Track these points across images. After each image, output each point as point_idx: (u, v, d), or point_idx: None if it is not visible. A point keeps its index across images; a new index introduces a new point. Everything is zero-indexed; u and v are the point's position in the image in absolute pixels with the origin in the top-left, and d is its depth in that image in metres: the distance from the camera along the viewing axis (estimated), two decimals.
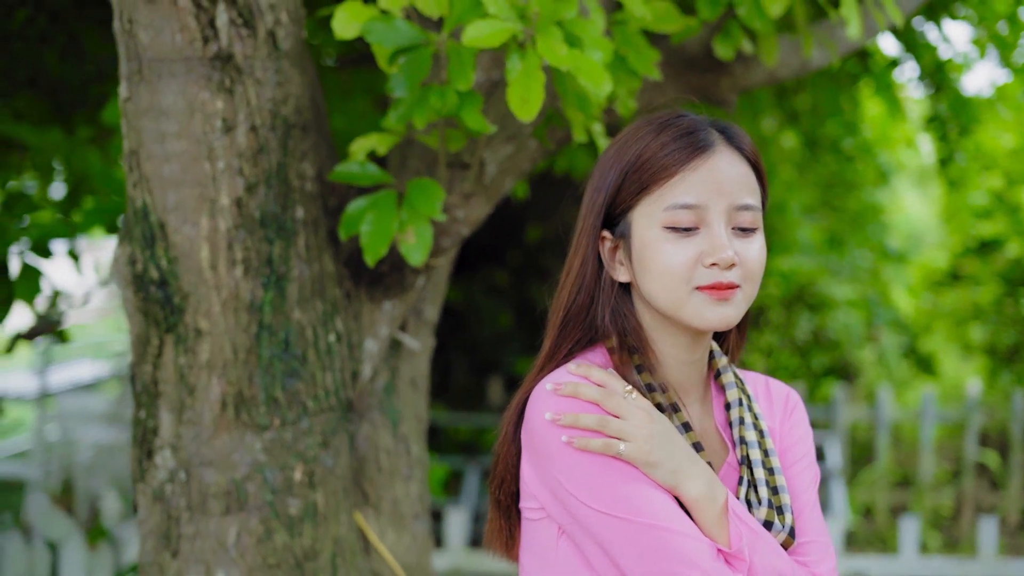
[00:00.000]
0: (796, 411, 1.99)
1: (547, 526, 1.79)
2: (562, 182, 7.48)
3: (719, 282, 1.74)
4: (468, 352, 9.47)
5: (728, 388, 1.92)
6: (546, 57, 2.14)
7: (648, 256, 1.78)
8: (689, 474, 1.71)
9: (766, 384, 2.02)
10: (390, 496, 2.71)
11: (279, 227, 2.38)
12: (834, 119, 7.61)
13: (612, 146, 1.85)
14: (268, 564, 2.38)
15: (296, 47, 2.41)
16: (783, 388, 2.02)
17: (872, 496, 8.73)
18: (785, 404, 1.99)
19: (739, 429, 1.87)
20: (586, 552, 1.74)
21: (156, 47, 2.29)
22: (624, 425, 1.70)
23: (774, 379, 2.04)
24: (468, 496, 7.35)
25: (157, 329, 2.37)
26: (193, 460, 2.37)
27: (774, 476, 1.84)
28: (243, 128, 2.33)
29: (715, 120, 1.84)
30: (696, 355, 1.86)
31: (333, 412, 2.48)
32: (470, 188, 2.59)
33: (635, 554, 1.68)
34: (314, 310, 2.44)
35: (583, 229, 1.85)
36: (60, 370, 11.79)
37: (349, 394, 2.54)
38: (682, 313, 1.77)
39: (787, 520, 1.80)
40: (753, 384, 1.99)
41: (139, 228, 2.36)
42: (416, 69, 2.22)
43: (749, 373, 2.01)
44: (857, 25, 2.72)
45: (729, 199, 1.76)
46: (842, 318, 9.72)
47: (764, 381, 2.02)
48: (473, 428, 8.93)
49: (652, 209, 1.76)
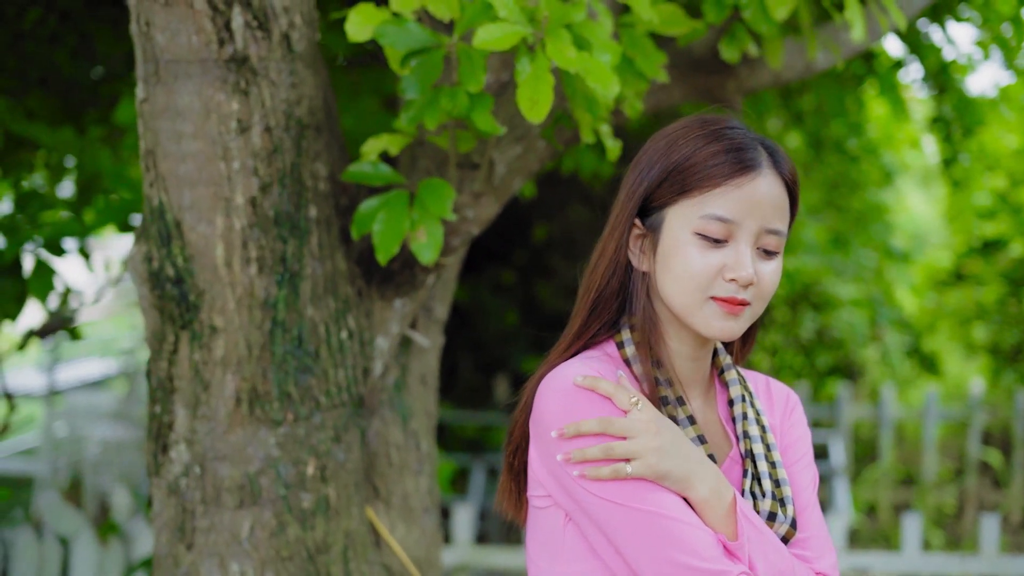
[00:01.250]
0: (796, 411, 2.04)
1: (553, 514, 1.83)
2: (568, 182, 7.53)
3: (734, 297, 1.80)
4: (474, 350, 9.51)
5: (731, 385, 1.97)
6: (555, 59, 2.18)
7: (673, 256, 1.82)
8: (698, 478, 1.75)
9: (767, 383, 2.07)
10: (400, 491, 2.75)
11: (292, 226, 2.42)
12: (839, 120, 7.64)
13: (661, 138, 1.88)
14: (281, 557, 2.43)
15: (309, 49, 2.46)
16: (783, 388, 2.08)
17: (876, 494, 8.78)
18: (785, 404, 2.04)
19: (743, 424, 1.92)
20: (591, 539, 1.79)
21: (173, 49, 2.33)
22: (630, 445, 1.74)
23: (774, 379, 2.09)
24: (475, 493, 7.40)
25: (173, 326, 2.41)
26: (208, 454, 2.42)
27: (776, 469, 1.89)
28: (258, 129, 2.37)
29: (764, 139, 1.87)
30: (701, 352, 1.91)
31: (345, 408, 2.52)
32: (480, 188, 2.63)
33: (638, 541, 1.73)
34: (326, 307, 2.49)
35: (620, 214, 1.89)
36: (69, 367, 11.85)
37: (361, 390, 2.58)
38: (692, 318, 1.82)
39: (789, 511, 1.86)
40: (754, 382, 2.04)
41: (155, 226, 2.40)
42: (428, 71, 2.27)
43: (750, 372, 2.06)
44: (861, 28, 2.76)
45: (761, 221, 1.81)
46: (846, 317, 9.75)
47: (765, 380, 2.07)
48: (479, 426, 8.97)
49: (688, 212, 1.81)
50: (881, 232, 9.87)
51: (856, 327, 9.70)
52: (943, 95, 6.68)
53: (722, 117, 1.89)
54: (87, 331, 13.57)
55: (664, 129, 1.91)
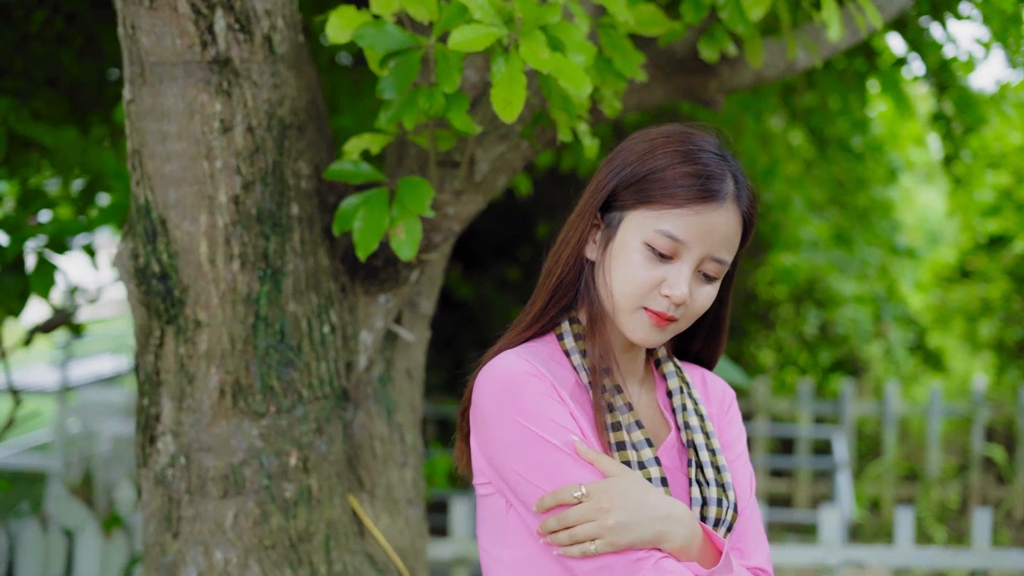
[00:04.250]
0: (732, 408, 2.12)
1: (496, 500, 1.91)
2: (569, 179, 7.57)
3: (664, 313, 1.88)
4: (479, 347, 9.54)
5: (669, 377, 2.04)
6: (528, 61, 2.23)
7: (620, 258, 1.90)
8: (665, 535, 1.79)
9: (703, 376, 2.13)
10: (384, 482, 2.81)
11: (275, 223, 2.49)
12: (843, 117, 7.66)
13: (642, 141, 1.95)
14: (264, 545, 2.49)
15: (292, 51, 2.52)
16: (720, 383, 2.14)
17: (879, 490, 8.81)
18: (722, 401, 2.11)
19: (682, 415, 2.00)
20: (529, 525, 1.86)
21: (157, 51, 2.40)
22: (589, 528, 1.78)
23: (710, 373, 2.16)
24: None
25: (158, 321, 2.48)
26: (193, 446, 2.48)
27: (716, 456, 1.97)
28: (240, 129, 2.44)
29: (735, 169, 1.93)
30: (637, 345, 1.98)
31: (327, 400, 2.59)
32: (460, 186, 2.69)
33: None
34: (309, 303, 2.55)
35: (589, 204, 1.96)
36: (81, 364, 11.95)
37: (343, 383, 2.65)
38: (620, 319, 1.91)
39: (731, 496, 1.93)
40: (691, 375, 2.11)
41: (141, 224, 2.47)
42: (405, 72, 2.33)
43: (687, 364, 2.14)
44: (838, 28, 2.81)
45: (709, 249, 1.88)
46: (850, 314, 9.78)
47: (701, 374, 2.14)
48: None
49: (645, 222, 1.88)
50: (887, 229, 9.88)
51: (860, 324, 9.73)
52: (944, 92, 6.70)
53: (705, 137, 1.94)
54: (98, 329, 13.59)
55: (648, 131, 1.97)
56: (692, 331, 2.10)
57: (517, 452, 1.83)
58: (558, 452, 1.81)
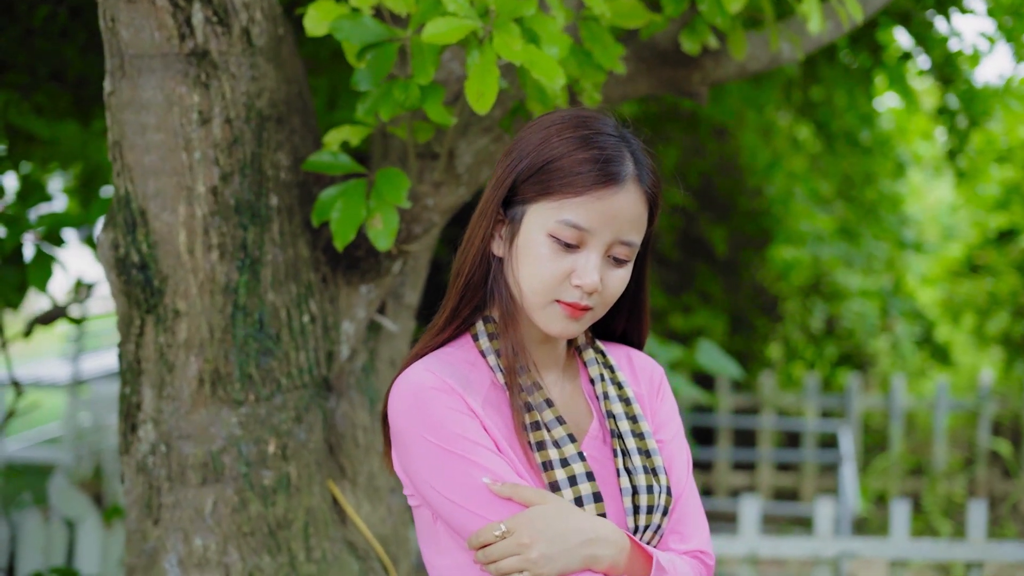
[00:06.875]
0: (663, 387, 2.09)
1: (424, 510, 1.93)
2: None
3: (577, 303, 1.86)
4: None
5: (589, 365, 2.02)
6: (501, 53, 2.25)
7: (526, 252, 1.88)
8: (593, 559, 1.80)
9: (628, 356, 2.10)
10: (366, 471, 2.84)
11: (253, 214, 2.52)
12: (850, 112, 7.66)
13: (537, 130, 1.92)
14: (243, 532, 2.52)
15: (271, 43, 2.55)
16: (648, 361, 2.12)
17: (885, 483, 8.81)
18: (651, 380, 2.08)
19: (605, 404, 1.98)
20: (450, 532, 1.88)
21: (136, 44, 2.43)
22: (512, 562, 1.78)
23: (637, 351, 2.13)
24: None
25: (139, 310, 2.52)
26: (173, 433, 2.52)
27: (644, 440, 1.95)
28: (218, 120, 2.47)
29: (634, 149, 1.91)
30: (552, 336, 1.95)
31: (307, 389, 2.62)
32: (440, 177, 2.71)
33: None
34: (288, 292, 2.58)
35: (491, 200, 1.93)
36: (92, 358, 12.02)
37: (323, 372, 2.68)
38: (534, 314, 1.89)
39: (663, 480, 1.92)
40: (616, 356, 2.08)
41: (122, 215, 2.51)
42: (381, 64, 2.36)
43: (612, 345, 2.11)
44: (818, 21, 2.82)
45: (616, 233, 1.86)
46: (857, 308, 9.77)
47: (626, 353, 2.11)
48: None
49: (547, 214, 1.86)
50: (895, 223, 9.87)
51: (866, 318, 9.72)
52: (949, 86, 6.70)
53: (600, 118, 1.92)
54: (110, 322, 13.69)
55: (542, 118, 1.95)
56: (613, 313, 2.06)
57: (431, 469, 1.84)
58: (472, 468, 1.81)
